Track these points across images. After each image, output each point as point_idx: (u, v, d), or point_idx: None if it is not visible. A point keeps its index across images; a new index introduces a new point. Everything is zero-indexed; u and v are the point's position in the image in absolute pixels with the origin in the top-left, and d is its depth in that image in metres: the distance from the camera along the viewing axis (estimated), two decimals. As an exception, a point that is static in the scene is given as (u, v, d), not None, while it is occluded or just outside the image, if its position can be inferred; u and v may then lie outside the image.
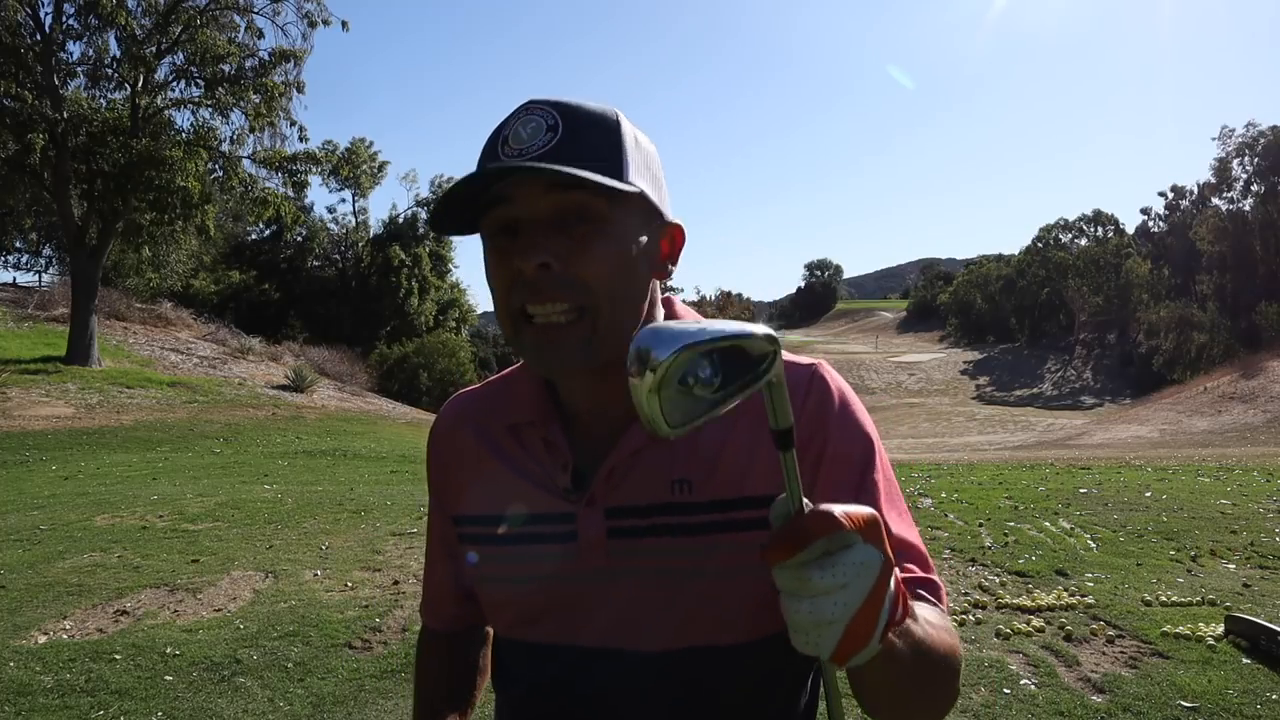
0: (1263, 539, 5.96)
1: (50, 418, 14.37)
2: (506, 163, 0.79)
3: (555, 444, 0.90)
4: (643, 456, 0.86)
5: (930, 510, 7.32)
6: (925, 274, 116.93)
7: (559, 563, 0.88)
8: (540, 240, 0.79)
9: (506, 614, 0.94)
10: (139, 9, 18.85)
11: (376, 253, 42.07)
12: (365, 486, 9.25)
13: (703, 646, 0.85)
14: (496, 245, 0.83)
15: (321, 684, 3.55)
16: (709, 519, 0.84)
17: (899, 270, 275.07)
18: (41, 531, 6.34)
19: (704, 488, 0.85)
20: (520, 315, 0.82)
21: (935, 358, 63.85)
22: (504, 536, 0.92)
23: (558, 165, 0.76)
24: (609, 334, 0.81)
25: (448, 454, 1.01)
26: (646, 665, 0.85)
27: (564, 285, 0.79)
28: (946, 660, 0.75)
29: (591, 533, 0.86)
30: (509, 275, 0.81)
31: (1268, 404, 25.64)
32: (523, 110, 0.82)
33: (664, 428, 0.57)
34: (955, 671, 0.78)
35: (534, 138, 0.79)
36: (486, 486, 0.95)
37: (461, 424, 1.01)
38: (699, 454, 0.86)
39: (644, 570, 0.85)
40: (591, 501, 0.87)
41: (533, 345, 0.82)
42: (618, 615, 0.86)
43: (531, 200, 0.79)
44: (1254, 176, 47.69)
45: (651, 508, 0.85)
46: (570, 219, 0.80)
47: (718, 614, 0.84)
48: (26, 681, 3.53)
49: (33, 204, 23.33)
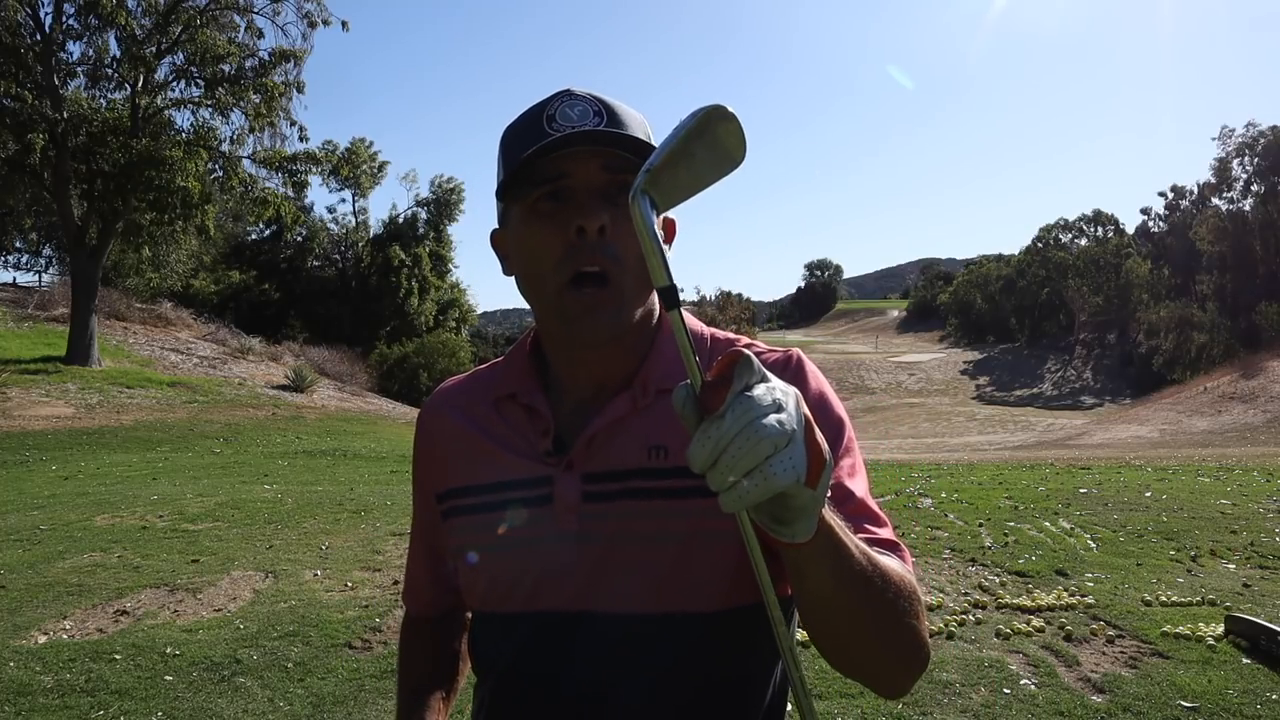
0: (1263, 539, 5.96)
1: (50, 418, 14.37)
2: (560, 137, 0.83)
3: (538, 411, 0.94)
4: (625, 424, 0.90)
5: (930, 510, 7.32)
6: (925, 274, 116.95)
7: (534, 526, 0.90)
8: (600, 206, 0.84)
9: (480, 582, 0.94)
10: (139, 9, 18.85)
11: (376, 253, 42.03)
12: (365, 486, 9.24)
13: (675, 614, 0.86)
14: (543, 210, 0.86)
15: (321, 684, 3.55)
16: (681, 484, 0.84)
17: (899, 270, 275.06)
18: (41, 531, 6.34)
19: (679, 453, 0.85)
20: (569, 283, 0.85)
21: (935, 358, 63.82)
22: (481, 505, 0.94)
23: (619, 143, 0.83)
24: (631, 304, 0.87)
25: (429, 436, 1.04)
26: (618, 628, 0.86)
27: (606, 252, 0.84)
28: (899, 587, 0.77)
29: (568, 496, 0.88)
30: (565, 236, 0.85)
31: (1268, 404, 25.64)
32: (565, 95, 0.87)
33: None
34: (911, 606, 0.79)
35: (584, 118, 0.85)
36: (466, 458, 0.97)
37: (443, 407, 1.04)
38: (677, 423, 0.87)
39: (616, 534, 0.87)
40: (570, 466, 0.89)
41: (579, 310, 0.86)
42: (590, 578, 0.87)
43: (590, 173, 0.85)
44: (1254, 176, 47.69)
45: (626, 472, 0.88)
46: (617, 193, 0.85)
47: (688, 579, 0.85)
48: (26, 681, 3.53)
49: (33, 204, 23.34)
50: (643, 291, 0.89)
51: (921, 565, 5.41)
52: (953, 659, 3.76)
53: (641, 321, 0.91)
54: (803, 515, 0.64)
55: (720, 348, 0.96)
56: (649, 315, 0.93)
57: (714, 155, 0.70)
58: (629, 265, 0.85)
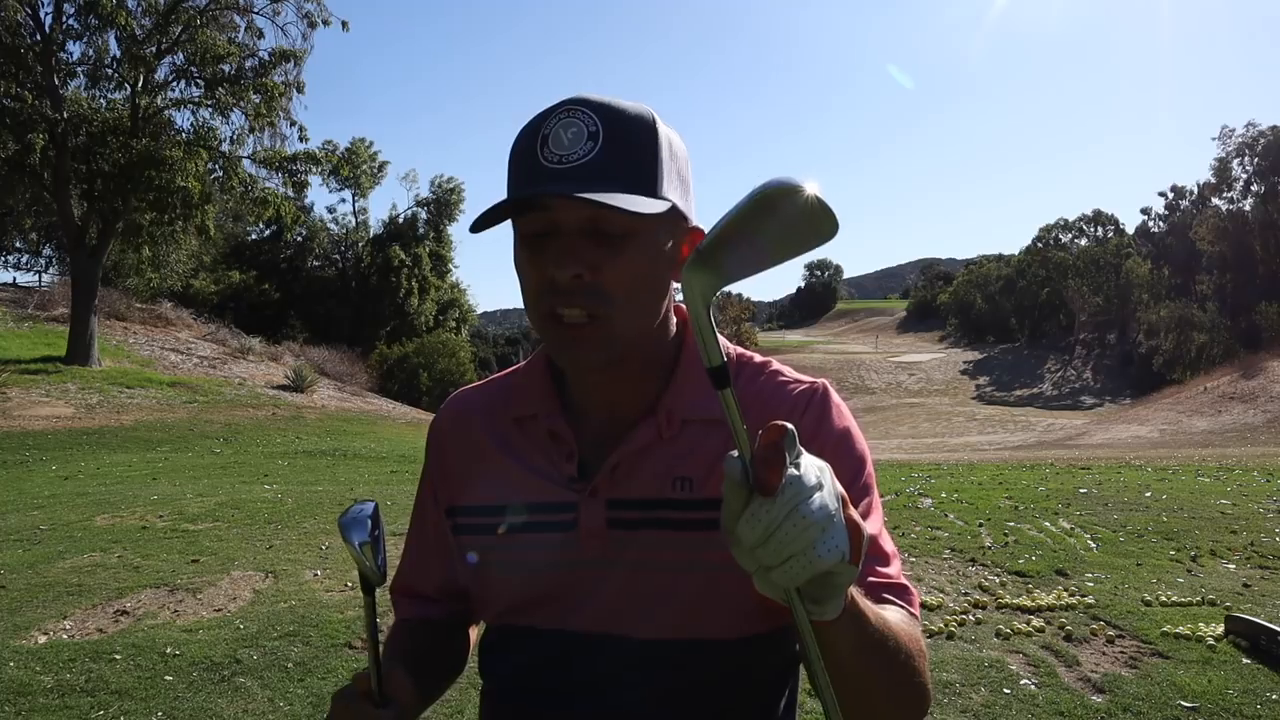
0: (1263, 539, 5.96)
1: (50, 418, 14.37)
2: (548, 169, 0.82)
3: (561, 435, 0.94)
4: (649, 454, 0.90)
5: (930, 510, 7.32)
6: (925, 274, 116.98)
7: (558, 551, 0.90)
8: (574, 250, 0.83)
9: (500, 602, 0.95)
10: (139, 9, 18.84)
11: (376, 253, 42.06)
12: (365, 486, 9.25)
13: (696, 640, 0.87)
14: (530, 246, 0.86)
15: (321, 684, 3.55)
16: (706, 516, 0.84)
17: (899, 270, 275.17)
18: (41, 531, 6.34)
19: (703, 486, 0.88)
20: (550, 316, 0.85)
21: (935, 358, 63.82)
22: (503, 526, 0.93)
23: (595, 190, 0.79)
24: (624, 335, 0.86)
25: (452, 445, 1.03)
26: (639, 653, 0.88)
27: (589, 293, 0.83)
28: (909, 648, 0.79)
29: (592, 522, 0.89)
30: (543, 279, 0.85)
31: (1268, 404, 25.62)
32: (563, 110, 0.84)
33: None
34: (918, 665, 0.80)
35: (574, 145, 0.82)
36: (490, 477, 0.96)
37: (467, 417, 1.03)
38: (701, 456, 0.89)
39: (640, 561, 0.88)
40: (594, 492, 0.90)
41: (561, 343, 0.87)
42: (612, 603, 0.88)
43: (569, 211, 0.83)
44: (1254, 176, 47.70)
45: (652, 502, 0.89)
46: (602, 230, 0.83)
47: (711, 608, 0.87)
48: (26, 681, 3.53)
49: (33, 204, 23.31)
50: (639, 318, 0.88)
51: (921, 565, 5.42)
52: (953, 659, 3.76)
53: (646, 344, 0.91)
54: (838, 592, 0.65)
55: (746, 371, 0.96)
56: (657, 336, 0.93)
57: (787, 230, 0.62)
58: (619, 297, 0.84)
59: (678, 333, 0.96)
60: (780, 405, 0.91)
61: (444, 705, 3.34)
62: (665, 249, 0.88)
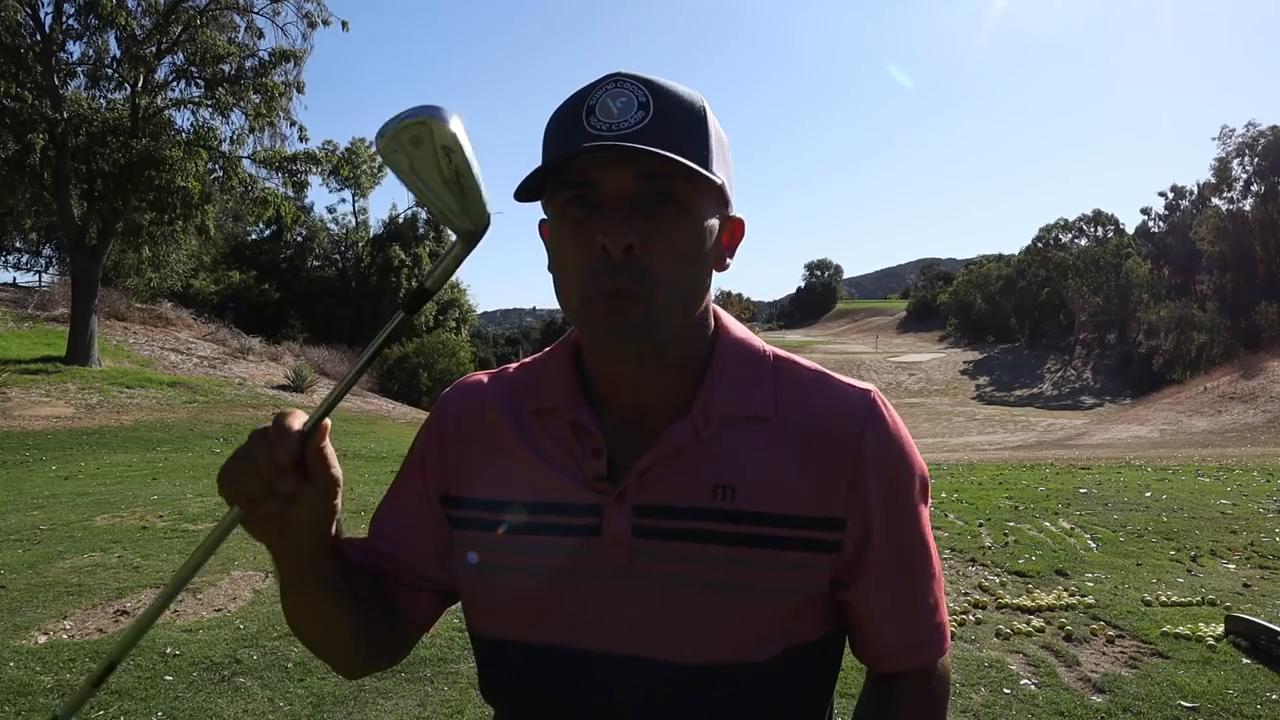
0: (1263, 539, 5.96)
1: (50, 418, 14.37)
2: (597, 136, 0.76)
3: (586, 429, 0.85)
4: (684, 456, 0.82)
5: (930, 510, 7.31)
6: (925, 274, 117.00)
7: (575, 557, 0.82)
8: (625, 220, 0.77)
9: (503, 610, 0.86)
10: (139, 9, 18.83)
11: (376, 253, 42.07)
12: (365, 486, 9.24)
13: (734, 663, 0.81)
14: (570, 217, 0.80)
15: (321, 684, 3.55)
16: (750, 530, 0.80)
17: (899, 270, 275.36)
18: (41, 531, 6.34)
19: (748, 497, 0.81)
20: (593, 295, 0.78)
21: (935, 358, 63.81)
22: (513, 524, 0.85)
23: (652, 147, 0.75)
24: (664, 320, 0.79)
25: (456, 430, 0.93)
26: (669, 676, 0.80)
27: (634, 272, 0.77)
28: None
29: (618, 528, 0.81)
30: (589, 252, 0.77)
31: (1268, 404, 25.61)
32: (610, 82, 0.79)
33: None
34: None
35: (624, 113, 0.77)
36: (500, 471, 0.88)
37: (481, 402, 0.93)
38: (746, 461, 0.82)
39: (670, 576, 0.80)
40: (621, 496, 0.82)
41: (604, 325, 0.79)
42: (636, 621, 0.81)
43: (620, 181, 0.77)
44: (1254, 176, 47.67)
45: (688, 510, 0.81)
46: (653, 202, 0.78)
47: (747, 631, 0.81)
48: (26, 681, 3.53)
49: (33, 204, 23.29)
50: (682, 308, 0.81)
51: (921, 565, 5.42)
52: (953, 659, 3.76)
53: (684, 337, 0.85)
54: None
55: (790, 377, 0.88)
56: (695, 330, 0.86)
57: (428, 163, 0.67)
58: (663, 280, 0.78)
59: (714, 331, 0.89)
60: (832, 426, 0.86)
61: (444, 705, 3.34)
62: (712, 232, 0.82)
